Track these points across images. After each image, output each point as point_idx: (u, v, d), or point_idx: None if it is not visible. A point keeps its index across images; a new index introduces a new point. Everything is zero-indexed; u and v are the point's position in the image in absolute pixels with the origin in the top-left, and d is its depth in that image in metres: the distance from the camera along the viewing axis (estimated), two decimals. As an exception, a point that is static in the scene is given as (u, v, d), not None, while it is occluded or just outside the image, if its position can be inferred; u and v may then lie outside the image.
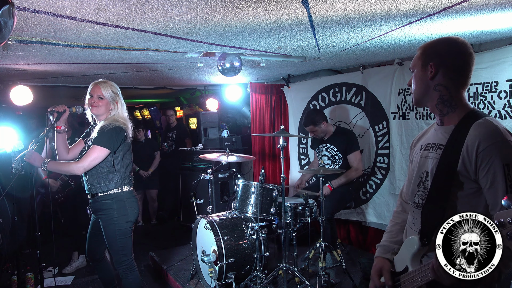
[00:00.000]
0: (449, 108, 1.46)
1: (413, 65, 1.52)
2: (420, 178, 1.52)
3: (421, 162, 1.53)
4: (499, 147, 1.28)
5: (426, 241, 1.39)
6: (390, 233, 1.71)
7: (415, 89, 1.52)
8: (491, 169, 1.27)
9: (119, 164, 2.63)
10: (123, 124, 2.65)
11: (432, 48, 1.48)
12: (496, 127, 1.32)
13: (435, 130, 1.54)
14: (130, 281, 2.72)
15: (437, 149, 1.46)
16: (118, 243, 2.64)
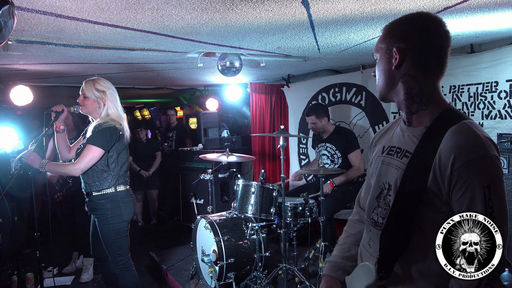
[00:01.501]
0: (418, 105, 1.16)
1: (375, 50, 1.20)
2: (380, 190, 1.24)
3: (383, 169, 1.24)
4: (479, 164, 1.02)
5: (385, 273, 1.15)
6: (342, 247, 1.44)
7: (378, 81, 1.21)
8: (468, 191, 1.01)
9: (114, 164, 2.63)
10: (119, 124, 2.63)
11: (397, 28, 1.16)
12: (478, 135, 1.05)
13: (401, 131, 1.24)
14: (126, 280, 2.72)
15: (402, 157, 1.17)
16: (113, 242, 2.64)
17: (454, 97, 3.35)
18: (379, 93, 1.23)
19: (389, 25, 1.19)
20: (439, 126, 1.10)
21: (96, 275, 4.09)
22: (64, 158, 2.84)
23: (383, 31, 1.19)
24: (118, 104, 2.70)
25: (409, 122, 1.20)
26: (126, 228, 2.71)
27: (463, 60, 3.27)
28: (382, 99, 1.24)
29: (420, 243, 1.11)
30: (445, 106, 1.16)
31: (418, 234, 1.11)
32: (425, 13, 1.18)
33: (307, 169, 4.25)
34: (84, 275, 4.02)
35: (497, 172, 1.04)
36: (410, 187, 1.12)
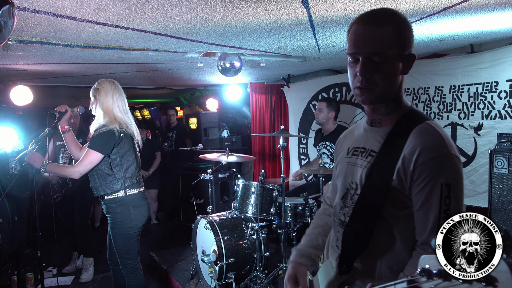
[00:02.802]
0: (395, 105, 1.16)
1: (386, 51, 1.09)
2: (346, 190, 1.24)
3: (348, 170, 1.25)
4: (441, 162, 1.04)
5: (346, 268, 1.16)
6: (309, 237, 1.45)
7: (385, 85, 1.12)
8: (427, 186, 1.04)
9: (117, 167, 2.61)
10: (120, 126, 2.60)
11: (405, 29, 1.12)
12: (441, 135, 1.08)
13: (366, 131, 1.24)
14: (132, 283, 2.72)
15: (367, 156, 1.18)
16: (122, 246, 2.64)
17: (454, 97, 3.36)
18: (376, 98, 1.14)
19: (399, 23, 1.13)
20: (404, 126, 1.12)
21: (96, 275, 4.09)
22: (76, 157, 2.81)
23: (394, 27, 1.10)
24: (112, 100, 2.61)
25: (379, 123, 1.20)
26: (137, 233, 2.68)
27: (463, 60, 3.28)
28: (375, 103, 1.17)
29: (385, 238, 1.12)
30: (408, 107, 1.18)
31: (383, 230, 1.12)
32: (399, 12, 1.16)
33: (307, 169, 4.25)
34: (83, 275, 4.01)
35: (457, 172, 1.06)
36: (375, 184, 1.13)
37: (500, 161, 2.63)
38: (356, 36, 1.13)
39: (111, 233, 2.67)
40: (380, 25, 1.09)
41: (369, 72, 1.10)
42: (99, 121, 2.61)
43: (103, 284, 3.92)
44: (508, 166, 2.59)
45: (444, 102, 3.44)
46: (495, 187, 2.65)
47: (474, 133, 3.23)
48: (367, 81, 1.11)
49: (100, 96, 2.60)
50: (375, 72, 1.10)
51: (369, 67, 1.10)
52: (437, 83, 3.48)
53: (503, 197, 2.60)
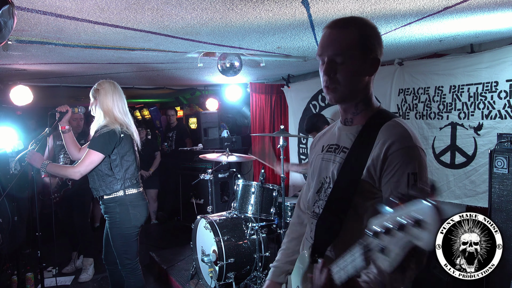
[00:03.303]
0: (365, 105, 1.25)
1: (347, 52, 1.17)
2: (320, 184, 1.31)
3: (323, 165, 1.32)
4: (407, 152, 1.13)
5: (318, 257, 1.22)
6: (285, 251, 1.49)
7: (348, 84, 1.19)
8: (395, 175, 1.12)
9: (117, 168, 2.62)
10: (120, 126, 2.61)
11: (370, 34, 1.20)
12: (407, 130, 1.17)
13: (339, 130, 1.33)
14: (132, 283, 2.72)
15: (340, 152, 1.26)
16: (120, 246, 2.64)
17: (454, 97, 3.35)
18: (340, 96, 1.22)
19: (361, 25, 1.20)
20: (374, 123, 1.21)
21: (96, 275, 4.09)
22: (74, 158, 2.83)
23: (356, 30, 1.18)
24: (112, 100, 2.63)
25: (351, 122, 1.28)
26: (135, 232, 2.68)
27: (463, 60, 3.27)
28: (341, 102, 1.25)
29: (355, 227, 1.18)
30: (377, 107, 1.27)
31: (353, 219, 1.19)
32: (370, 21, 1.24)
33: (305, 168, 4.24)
34: (82, 275, 4.02)
35: (422, 162, 1.14)
36: (347, 177, 1.21)
37: (500, 161, 2.63)
38: (323, 39, 1.23)
39: (110, 233, 2.66)
40: (344, 28, 1.19)
41: (332, 72, 1.18)
42: (99, 122, 2.62)
43: (103, 284, 3.92)
44: (508, 166, 2.59)
45: (444, 102, 3.44)
46: (495, 187, 2.65)
47: (474, 133, 3.23)
48: (331, 80, 1.19)
49: (100, 96, 2.61)
50: (338, 72, 1.18)
51: (332, 67, 1.18)
52: (437, 83, 3.48)
53: (503, 197, 2.60)
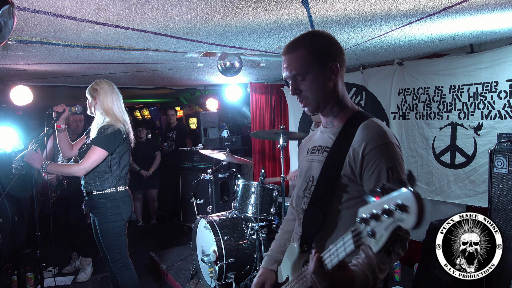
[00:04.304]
0: (340, 108, 1.38)
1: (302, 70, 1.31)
2: (306, 183, 1.42)
3: (307, 166, 1.44)
4: (384, 149, 1.24)
5: (306, 247, 1.33)
6: (279, 242, 1.61)
7: (315, 96, 1.33)
8: (376, 171, 1.22)
9: (115, 166, 2.66)
10: (122, 126, 2.66)
11: (321, 46, 1.34)
12: (382, 128, 1.28)
13: (322, 133, 1.46)
14: (126, 279, 2.73)
15: (323, 152, 1.38)
16: (112, 241, 2.66)
17: (454, 97, 3.36)
18: (314, 107, 1.35)
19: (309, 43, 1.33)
20: (352, 123, 1.33)
21: (96, 275, 4.09)
22: (66, 156, 2.88)
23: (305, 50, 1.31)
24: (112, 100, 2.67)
25: (332, 124, 1.41)
26: (125, 227, 2.73)
27: (463, 60, 3.27)
28: (317, 111, 1.38)
29: (336, 220, 1.30)
30: (355, 109, 1.40)
31: (335, 212, 1.30)
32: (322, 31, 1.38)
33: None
34: (80, 275, 4.02)
35: (398, 157, 1.26)
36: (328, 173, 1.32)
37: (500, 161, 2.63)
38: (283, 64, 1.36)
39: (100, 230, 2.68)
40: (293, 51, 1.33)
41: (297, 90, 1.33)
42: (99, 121, 2.64)
43: (102, 284, 3.92)
44: (508, 166, 2.59)
45: (444, 102, 3.44)
46: (495, 187, 2.65)
47: (474, 133, 3.23)
48: (300, 97, 1.35)
49: (100, 96, 2.65)
50: (302, 89, 1.33)
51: (296, 87, 1.33)
52: (437, 83, 3.48)
53: (503, 197, 2.60)
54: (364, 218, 0.91)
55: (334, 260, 1.04)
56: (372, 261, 1.13)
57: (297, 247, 1.34)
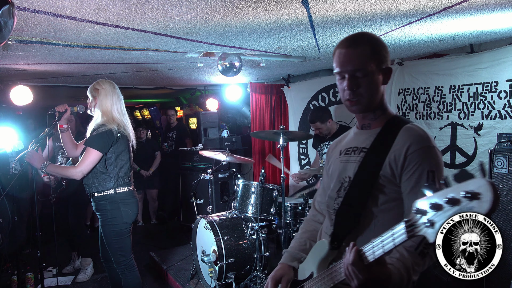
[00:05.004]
0: (381, 111, 1.39)
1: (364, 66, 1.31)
2: (340, 184, 1.42)
3: (342, 167, 1.44)
4: (427, 151, 1.25)
5: (337, 244, 1.33)
6: (299, 240, 1.59)
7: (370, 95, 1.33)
8: (416, 172, 1.23)
9: (112, 166, 2.64)
10: (117, 126, 2.63)
11: (381, 47, 1.35)
12: (425, 132, 1.30)
13: (356, 134, 1.47)
14: (129, 281, 2.73)
15: (360, 152, 1.38)
16: (114, 243, 2.66)
17: (454, 97, 3.35)
18: (364, 106, 1.35)
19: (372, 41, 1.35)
20: (392, 127, 1.35)
21: (96, 275, 4.09)
22: (71, 155, 2.88)
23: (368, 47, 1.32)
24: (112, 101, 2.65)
25: (369, 126, 1.42)
26: (128, 229, 2.71)
27: (463, 60, 3.27)
28: (365, 111, 1.38)
29: (370, 221, 1.30)
30: (393, 113, 1.42)
31: (369, 211, 1.30)
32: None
33: (307, 169, 4.25)
34: (80, 275, 4.02)
35: (440, 161, 1.27)
36: (366, 172, 1.32)
37: (500, 161, 2.63)
38: (340, 57, 1.35)
39: (102, 231, 2.69)
40: (357, 46, 1.33)
41: (355, 86, 1.32)
42: (97, 121, 2.64)
43: (102, 284, 3.92)
44: (508, 166, 2.59)
45: (444, 102, 3.44)
46: (495, 187, 2.65)
47: (474, 133, 3.23)
48: (354, 93, 1.33)
49: (100, 96, 2.64)
50: (360, 86, 1.31)
51: (354, 82, 1.32)
52: (437, 83, 3.48)
53: (503, 197, 2.60)
54: (420, 209, 0.91)
55: (378, 252, 1.03)
56: (408, 261, 1.14)
57: (327, 244, 1.34)
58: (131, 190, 2.74)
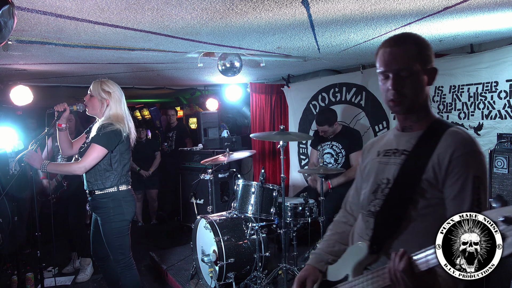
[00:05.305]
0: (424, 113, 1.36)
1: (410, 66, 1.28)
2: (377, 186, 1.39)
3: (380, 168, 1.41)
4: (473, 156, 1.22)
5: (376, 248, 1.30)
6: (328, 242, 1.57)
7: (414, 95, 1.30)
8: (462, 178, 1.20)
9: (116, 163, 2.67)
10: (123, 125, 2.68)
11: (426, 47, 1.33)
12: (471, 136, 1.27)
13: (396, 136, 1.43)
14: (128, 279, 2.74)
15: (401, 155, 1.35)
16: (115, 241, 2.66)
17: (454, 97, 3.36)
18: (408, 107, 1.32)
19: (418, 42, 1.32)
20: (435, 130, 1.31)
21: (96, 275, 4.09)
22: (66, 154, 2.89)
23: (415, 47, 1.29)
24: (122, 105, 2.74)
25: (410, 128, 1.38)
26: (128, 227, 2.74)
27: (463, 60, 3.27)
28: (407, 112, 1.35)
29: (412, 226, 1.26)
30: (435, 116, 1.38)
31: (409, 217, 1.27)
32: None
33: (306, 169, 4.24)
34: (80, 275, 4.02)
35: (485, 167, 1.24)
36: (407, 176, 1.29)
37: (500, 161, 2.63)
38: (385, 56, 1.32)
39: (103, 230, 2.69)
40: (403, 46, 1.30)
41: (400, 86, 1.29)
42: (104, 121, 2.66)
43: (102, 284, 3.92)
44: (508, 166, 2.59)
45: (444, 102, 3.44)
46: (495, 187, 2.65)
47: (474, 133, 3.23)
48: (398, 93, 1.29)
49: (113, 100, 2.69)
50: (404, 86, 1.28)
51: (399, 82, 1.29)
52: (437, 83, 3.48)
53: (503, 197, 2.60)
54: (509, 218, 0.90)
55: (433, 261, 1.01)
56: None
57: (366, 247, 1.31)
58: (130, 188, 2.78)
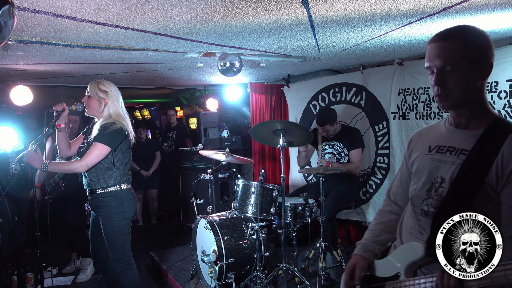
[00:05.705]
0: (481, 110, 1.30)
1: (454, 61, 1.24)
2: (431, 184, 1.36)
3: (433, 165, 1.37)
4: None
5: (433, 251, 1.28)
6: (373, 232, 1.59)
7: (460, 92, 1.26)
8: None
9: (118, 162, 2.69)
10: (123, 125, 2.70)
11: (478, 42, 1.26)
12: None
13: (450, 132, 1.38)
14: (128, 279, 2.74)
15: (459, 154, 1.30)
16: (116, 240, 2.67)
17: (454, 97, 3.35)
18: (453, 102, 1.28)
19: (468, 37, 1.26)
20: (497, 130, 1.26)
21: (96, 275, 4.09)
22: (64, 155, 2.89)
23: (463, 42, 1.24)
24: (120, 104, 2.77)
25: (466, 126, 1.33)
26: (129, 225, 2.75)
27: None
28: (454, 108, 1.31)
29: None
30: (496, 114, 1.32)
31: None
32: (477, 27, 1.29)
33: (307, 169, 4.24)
34: (80, 275, 4.02)
35: None
36: (468, 179, 1.25)
37: None
38: (430, 52, 1.29)
39: (104, 229, 2.69)
40: (448, 40, 1.26)
41: (442, 81, 1.26)
42: (105, 120, 2.67)
43: (103, 284, 3.92)
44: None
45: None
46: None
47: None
48: (442, 89, 1.27)
49: (111, 99, 2.72)
50: (448, 81, 1.25)
51: (442, 77, 1.25)
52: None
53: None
54: None
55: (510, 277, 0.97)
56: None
57: (423, 249, 1.28)
58: (130, 187, 2.80)
